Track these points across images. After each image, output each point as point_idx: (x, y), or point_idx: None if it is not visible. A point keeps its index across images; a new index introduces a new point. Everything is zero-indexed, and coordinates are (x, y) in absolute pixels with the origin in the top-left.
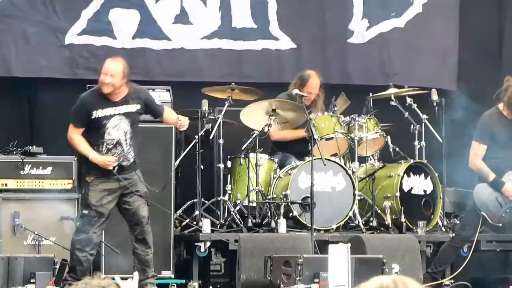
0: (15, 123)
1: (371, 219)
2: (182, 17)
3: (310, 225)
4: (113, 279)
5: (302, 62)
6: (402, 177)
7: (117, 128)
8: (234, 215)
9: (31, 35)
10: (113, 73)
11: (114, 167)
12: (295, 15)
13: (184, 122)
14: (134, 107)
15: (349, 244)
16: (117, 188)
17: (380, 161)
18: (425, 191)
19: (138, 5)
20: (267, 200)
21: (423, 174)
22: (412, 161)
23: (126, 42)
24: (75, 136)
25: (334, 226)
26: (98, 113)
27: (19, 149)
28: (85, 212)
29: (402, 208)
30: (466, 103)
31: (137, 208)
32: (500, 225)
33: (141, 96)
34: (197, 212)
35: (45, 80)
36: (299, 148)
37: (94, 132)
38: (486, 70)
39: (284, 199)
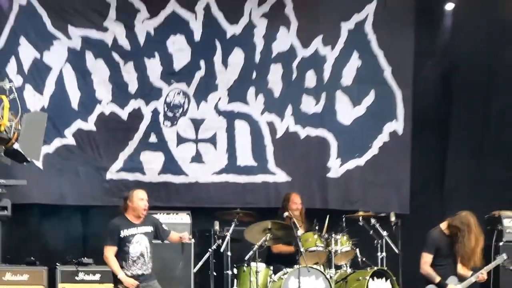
0: (71, 239)
1: None
2: (197, 158)
3: None
4: None
5: (294, 192)
6: (368, 280)
7: (139, 243)
8: None
9: (81, 172)
10: (147, 198)
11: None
12: (289, 155)
13: (185, 238)
14: (149, 229)
15: None
16: None
17: (351, 268)
18: None
19: (163, 149)
20: None
21: (384, 277)
22: (375, 268)
23: (153, 177)
24: (111, 257)
25: None
26: (125, 232)
27: (74, 260)
28: None
29: None
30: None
31: None
32: None
33: (153, 221)
34: None
35: (93, 206)
36: (289, 259)
37: (122, 248)
38: (431, 200)
39: None
